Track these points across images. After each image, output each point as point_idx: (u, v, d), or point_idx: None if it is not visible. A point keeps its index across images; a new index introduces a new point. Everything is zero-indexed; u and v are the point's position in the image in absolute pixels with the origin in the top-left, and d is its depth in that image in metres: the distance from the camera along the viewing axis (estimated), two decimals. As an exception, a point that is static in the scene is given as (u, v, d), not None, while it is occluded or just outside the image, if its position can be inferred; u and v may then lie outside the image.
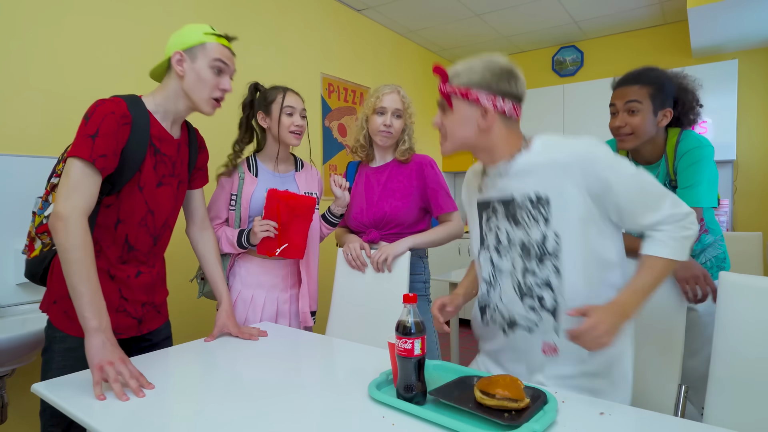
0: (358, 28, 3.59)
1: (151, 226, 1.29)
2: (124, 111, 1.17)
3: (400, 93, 1.72)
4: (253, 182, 1.64)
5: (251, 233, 1.54)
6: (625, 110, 1.45)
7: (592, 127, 3.85)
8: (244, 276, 1.65)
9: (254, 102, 1.68)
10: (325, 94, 3.25)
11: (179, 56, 1.25)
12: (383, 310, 1.58)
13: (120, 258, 1.26)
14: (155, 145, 1.26)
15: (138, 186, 1.23)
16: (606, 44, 4.12)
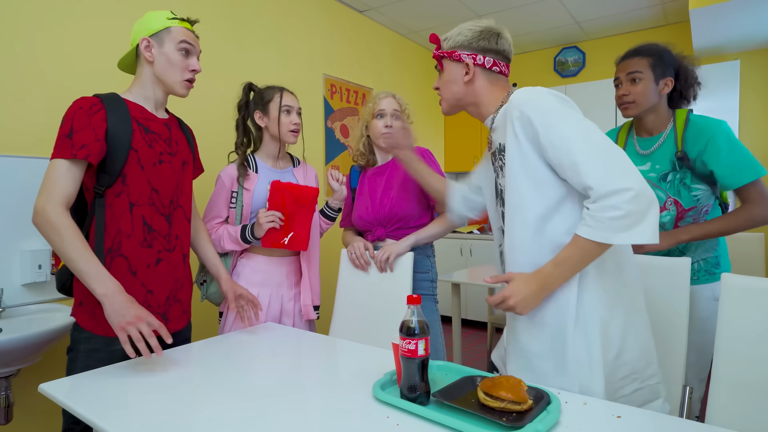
0: (360, 29, 3.60)
1: (158, 204, 1.33)
2: (92, 101, 1.22)
3: (396, 97, 1.79)
4: (254, 179, 1.66)
5: (256, 225, 1.56)
6: (628, 80, 1.54)
7: (594, 128, 3.85)
8: (249, 275, 1.66)
9: (249, 103, 1.70)
10: (327, 94, 3.26)
11: (147, 42, 1.29)
12: (387, 310, 1.58)
13: (144, 241, 1.29)
14: (142, 124, 1.30)
15: (140, 165, 1.27)
16: (608, 45, 4.12)
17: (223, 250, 1.63)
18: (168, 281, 1.36)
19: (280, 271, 1.69)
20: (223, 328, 1.64)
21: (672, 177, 1.52)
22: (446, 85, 1.21)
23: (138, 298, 1.27)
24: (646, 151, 1.58)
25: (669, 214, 1.53)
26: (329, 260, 2.67)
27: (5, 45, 1.72)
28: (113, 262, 1.25)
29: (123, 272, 1.26)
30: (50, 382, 1.05)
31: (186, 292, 1.44)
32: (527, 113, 1.03)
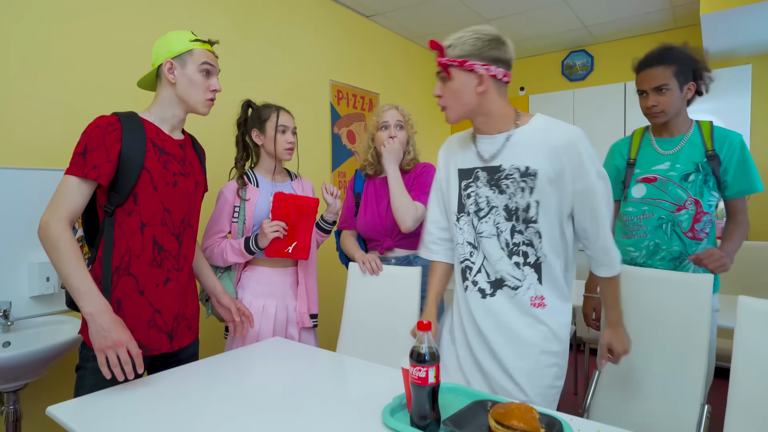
0: (367, 34, 3.59)
1: (170, 224, 1.33)
2: (109, 120, 1.23)
3: (399, 108, 1.85)
4: (255, 192, 1.69)
5: (260, 235, 1.58)
6: (654, 91, 1.56)
7: (604, 132, 3.81)
8: (254, 287, 1.67)
9: (247, 120, 1.74)
10: (334, 101, 3.25)
11: (170, 64, 1.31)
12: (395, 324, 1.57)
13: (153, 261, 1.30)
14: (157, 145, 1.31)
15: (153, 186, 1.28)
16: (617, 48, 4.08)
17: (226, 263, 1.64)
18: (176, 300, 1.36)
19: (284, 280, 1.71)
20: (232, 344, 1.64)
21: (695, 177, 1.56)
22: (455, 95, 1.18)
23: (145, 318, 1.28)
24: (668, 151, 1.61)
25: (687, 213, 1.56)
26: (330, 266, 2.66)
27: (19, 56, 1.72)
28: (121, 280, 1.25)
29: (131, 291, 1.26)
30: (57, 405, 1.05)
31: (193, 309, 1.44)
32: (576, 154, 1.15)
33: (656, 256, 1.61)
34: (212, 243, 1.65)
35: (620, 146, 1.75)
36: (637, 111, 3.73)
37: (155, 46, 1.35)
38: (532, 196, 1.17)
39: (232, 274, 1.67)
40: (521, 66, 4.55)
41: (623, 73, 4.02)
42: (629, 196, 1.68)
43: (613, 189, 1.73)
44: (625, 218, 1.69)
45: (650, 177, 1.62)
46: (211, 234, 1.67)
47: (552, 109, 4.07)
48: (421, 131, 4.20)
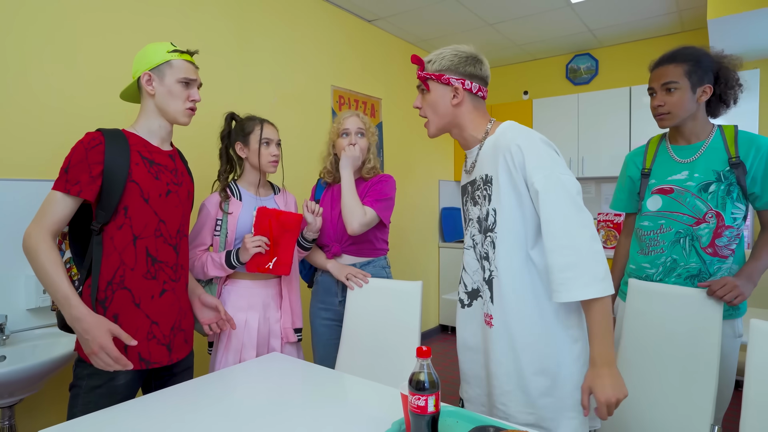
0: (369, 38, 3.56)
1: (167, 235, 1.34)
2: (93, 136, 1.24)
3: (360, 116, 1.84)
4: (238, 205, 1.68)
5: (241, 250, 1.57)
6: (663, 90, 1.46)
7: (608, 137, 3.77)
8: (235, 300, 1.66)
9: (231, 133, 1.73)
10: (335, 106, 3.23)
11: (147, 76, 1.31)
12: (395, 340, 1.54)
13: (147, 273, 1.29)
14: (146, 157, 1.31)
15: (143, 198, 1.27)
16: (622, 52, 4.03)
17: (206, 277, 1.63)
18: (173, 311, 1.36)
19: (266, 293, 1.70)
20: (216, 357, 1.62)
21: (716, 188, 1.44)
22: (432, 106, 1.24)
23: (143, 330, 1.28)
24: (685, 159, 1.51)
25: (707, 227, 1.45)
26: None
27: (13, 67, 1.70)
28: (116, 295, 1.25)
29: (127, 305, 1.27)
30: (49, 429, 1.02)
31: (189, 321, 1.45)
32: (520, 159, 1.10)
33: (673, 273, 1.50)
34: (193, 256, 1.64)
35: (635, 155, 1.67)
36: (643, 116, 3.71)
37: (135, 58, 1.35)
38: (490, 204, 1.17)
39: (212, 287, 1.66)
40: (525, 70, 4.51)
41: (629, 77, 3.99)
42: (644, 209, 1.58)
43: (629, 201, 1.69)
44: (641, 233, 1.59)
45: (666, 188, 1.52)
46: (192, 246, 1.65)
47: (556, 113, 4.03)
48: (423, 139, 4.18)
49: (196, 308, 1.53)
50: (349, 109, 1.92)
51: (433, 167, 4.34)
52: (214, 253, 1.63)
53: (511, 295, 1.13)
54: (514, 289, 1.13)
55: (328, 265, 1.80)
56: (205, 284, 1.65)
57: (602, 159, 3.84)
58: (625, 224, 1.75)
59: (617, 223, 3.89)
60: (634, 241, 1.65)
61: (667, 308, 1.38)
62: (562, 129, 4.02)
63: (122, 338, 1.17)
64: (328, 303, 1.82)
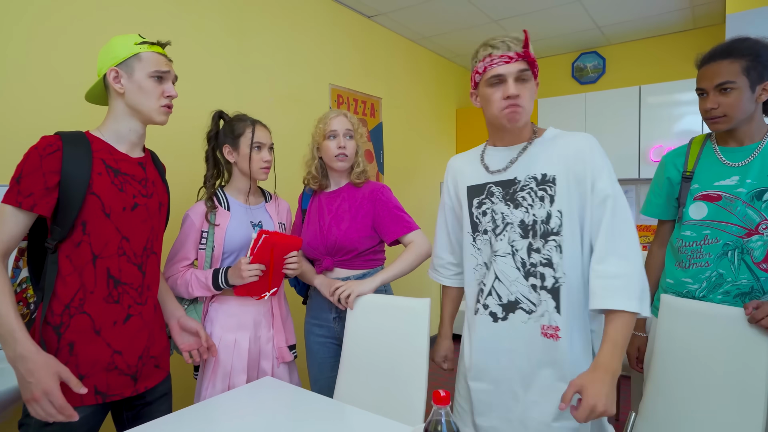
0: (369, 35, 3.41)
1: (130, 253, 1.17)
2: (49, 141, 1.07)
3: (348, 115, 1.68)
4: (226, 216, 1.51)
5: (233, 274, 1.41)
6: (716, 91, 1.31)
7: (617, 139, 3.63)
8: (223, 319, 1.50)
9: (219, 133, 1.55)
10: (334, 106, 3.07)
11: (114, 73, 1.16)
12: (402, 364, 1.39)
13: (109, 296, 1.14)
14: (111, 166, 1.15)
15: (104, 212, 1.12)
16: (630, 50, 3.89)
17: (190, 296, 1.47)
18: (140, 339, 1.20)
19: (257, 311, 1.55)
20: (203, 382, 1.47)
21: None
22: (529, 97, 1.14)
23: (102, 361, 1.12)
24: (736, 163, 1.34)
25: (761, 239, 1.29)
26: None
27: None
28: (73, 320, 1.10)
29: (85, 332, 1.11)
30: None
31: (160, 345, 1.28)
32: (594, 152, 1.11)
33: (719, 290, 1.34)
34: (175, 272, 1.48)
35: (674, 156, 1.49)
36: (653, 116, 3.57)
37: (100, 53, 1.19)
38: (553, 206, 1.11)
39: (198, 306, 1.50)
40: (529, 68, 4.36)
41: (637, 75, 3.85)
42: (686, 217, 1.40)
43: (666, 207, 1.51)
44: (680, 244, 1.42)
45: (712, 194, 1.35)
46: (175, 261, 1.49)
47: (562, 113, 3.89)
48: (425, 139, 4.04)
49: (174, 333, 1.38)
50: (334, 108, 1.78)
51: (436, 169, 4.19)
52: (199, 270, 1.47)
53: (582, 303, 1.10)
54: (585, 295, 1.10)
55: (315, 281, 1.64)
56: (190, 303, 1.50)
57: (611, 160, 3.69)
58: (659, 232, 1.58)
59: (626, 227, 3.75)
60: (669, 253, 1.50)
61: (705, 330, 1.24)
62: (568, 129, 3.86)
63: (71, 384, 1.01)
64: (323, 319, 1.67)
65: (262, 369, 1.54)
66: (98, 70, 1.19)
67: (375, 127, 3.45)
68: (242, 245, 1.50)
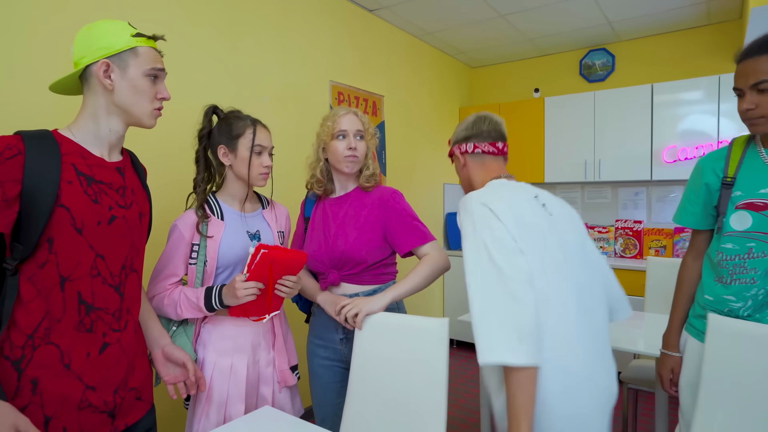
0: (371, 30, 3.25)
1: (106, 273, 1.01)
2: (8, 143, 0.90)
3: (359, 114, 1.52)
4: (220, 226, 1.34)
5: (228, 293, 1.24)
6: (753, 90, 1.18)
7: (627, 138, 3.50)
8: (217, 342, 1.34)
9: (213, 132, 1.38)
10: (334, 104, 2.92)
11: (106, 66, 1.00)
12: (416, 394, 1.23)
13: (80, 324, 0.97)
14: (84, 172, 0.98)
15: (75, 227, 0.95)
16: (640, 47, 3.76)
17: (180, 318, 1.30)
18: (118, 370, 1.04)
19: (256, 331, 1.38)
20: (194, 413, 1.31)
21: None
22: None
23: (73, 398, 0.96)
24: None
25: None
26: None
27: None
28: (37, 353, 0.93)
29: (52, 366, 0.94)
30: None
31: (142, 374, 1.12)
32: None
33: (767, 310, 1.22)
34: (162, 291, 1.31)
35: (714, 160, 1.35)
36: (666, 116, 3.44)
37: (79, 38, 1.01)
38: None
39: (189, 328, 1.33)
40: (535, 66, 4.23)
41: (648, 73, 3.71)
42: (727, 228, 1.27)
43: (703, 216, 1.37)
44: (720, 257, 1.30)
45: (758, 203, 1.22)
46: (161, 278, 1.31)
47: (570, 112, 3.75)
48: (428, 139, 3.89)
49: (158, 363, 1.22)
50: (344, 105, 1.60)
51: (438, 170, 4.05)
52: (189, 288, 1.31)
53: None
54: None
55: (318, 298, 1.47)
56: (179, 324, 1.33)
57: (621, 162, 3.56)
58: (693, 243, 1.44)
59: (637, 231, 3.62)
60: (707, 266, 1.36)
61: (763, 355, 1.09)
62: (576, 129, 3.73)
63: None
64: (327, 340, 1.50)
65: (262, 396, 1.38)
66: (78, 58, 1.01)
67: (377, 126, 3.30)
68: (238, 259, 1.34)
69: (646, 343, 1.80)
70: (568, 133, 3.78)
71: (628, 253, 3.67)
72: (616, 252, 3.72)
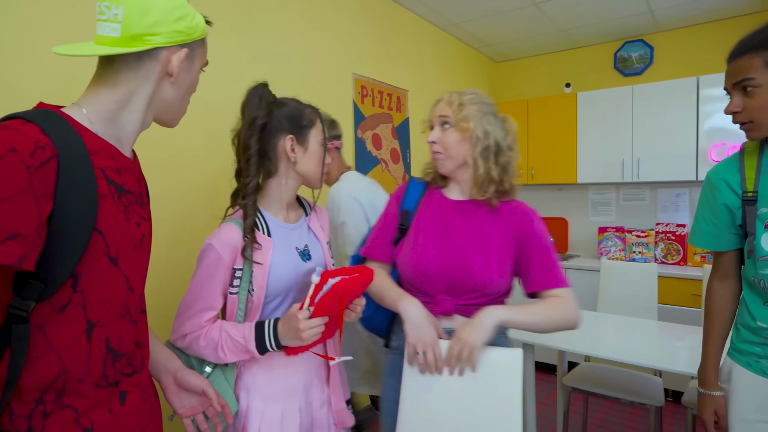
0: (395, 20, 3.03)
1: (132, 309, 0.79)
2: (35, 138, 0.63)
3: (452, 96, 1.18)
4: (268, 245, 1.06)
5: (290, 335, 0.98)
6: (737, 91, 1.08)
7: (669, 135, 3.24)
8: (265, 387, 1.08)
9: (273, 122, 1.09)
10: (357, 98, 2.70)
11: (185, 52, 0.78)
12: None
13: (103, 379, 0.74)
14: (114, 181, 0.74)
15: (109, 257, 0.72)
16: (681, 38, 3.50)
17: (221, 362, 1.04)
18: (139, 422, 0.81)
19: (308, 368, 1.13)
20: None
21: None
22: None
23: None
24: None
25: None
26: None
27: None
28: (49, 421, 0.68)
29: (66, 428, 0.70)
30: None
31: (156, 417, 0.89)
32: None
33: None
34: (197, 329, 1.03)
35: (726, 173, 1.16)
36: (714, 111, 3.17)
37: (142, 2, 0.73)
38: None
39: (229, 372, 1.07)
40: (566, 59, 3.98)
41: (691, 66, 3.45)
42: (761, 251, 1.09)
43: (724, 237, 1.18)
44: (763, 284, 1.11)
45: None
46: (194, 314, 1.03)
47: (605, 108, 3.50)
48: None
49: (170, 393, 0.97)
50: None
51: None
52: (231, 325, 1.03)
53: None
54: None
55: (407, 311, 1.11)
56: (215, 366, 1.07)
57: (662, 161, 3.30)
58: (718, 264, 1.24)
59: (680, 235, 3.36)
60: (748, 290, 1.17)
61: None
62: (611, 126, 3.48)
63: None
64: None
65: None
66: (144, 28, 0.73)
67: (401, 123, 3.08)
68: (290, 285, 1.08)
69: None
70: (603, 131, 3.53)
71: (670, 259, 3.41)
72: (656, 258, 3.46)
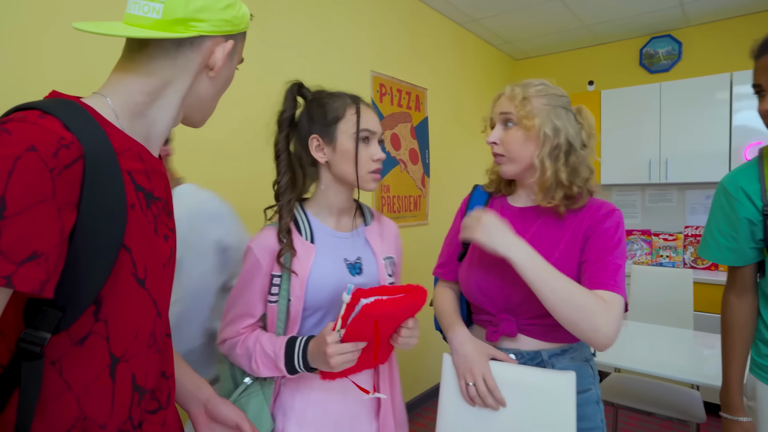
0: (414, 16, 2.94)
1: (159, 336, 0.68)
2: (59, 134, 0.52)
3: (514, 89, 1.04)
4: (310, 252, 0.96)
5: (318, 357, 0.87)
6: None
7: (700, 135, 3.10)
8: (304, 411, 0.97)
9: (300, 119, 1.01)
10: (376, 97, 2.61)
11: (231, 45, 0.69)
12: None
13: (128, 422, 0.63)
14: (143, 186, 0.63)
15: (136, 278, 0.61)
16: (712, 32, 3.35)
17: (255, 375, 0.96)
18: None
19: (352, 396, 0.99)
20: None
21: None
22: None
23: None
24: None
25: None
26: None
27: None
28: None
29: None
30: None
31: None
32: None
33: None
34: (234, 336, 0.98)
35: (744, 181, 1.06)
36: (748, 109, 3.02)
37: None
38: None
39: (267, 386, 0.98)
40: (590, 56, 3.85)
41: (722, 62, 3.30)
42: None
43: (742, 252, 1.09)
44: None
45: None
46: (233, 319, 0.98)
47: (630, 106, 3.37)
48: (472, 136, 3.55)
49: (200, 426, 0.86)
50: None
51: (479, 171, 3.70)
52: (266, 336, 0.95)
53: None
54: None
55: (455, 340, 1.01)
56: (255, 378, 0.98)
57: (692, 161, 3.16)
58: (735, 279, 1.15)
59: (710, 238, 3.21)
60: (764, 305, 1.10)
61: None
62: (638, 125, 3.35)
63: None
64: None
65: None
66: (190, 13, 0.63)
67: (420, 123, 2.98)
68: (333, 299, 0.97)
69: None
70: (628, 130, 3.39)
71: (700, 264, 3.27)
72: (685, 262, 3.32)
